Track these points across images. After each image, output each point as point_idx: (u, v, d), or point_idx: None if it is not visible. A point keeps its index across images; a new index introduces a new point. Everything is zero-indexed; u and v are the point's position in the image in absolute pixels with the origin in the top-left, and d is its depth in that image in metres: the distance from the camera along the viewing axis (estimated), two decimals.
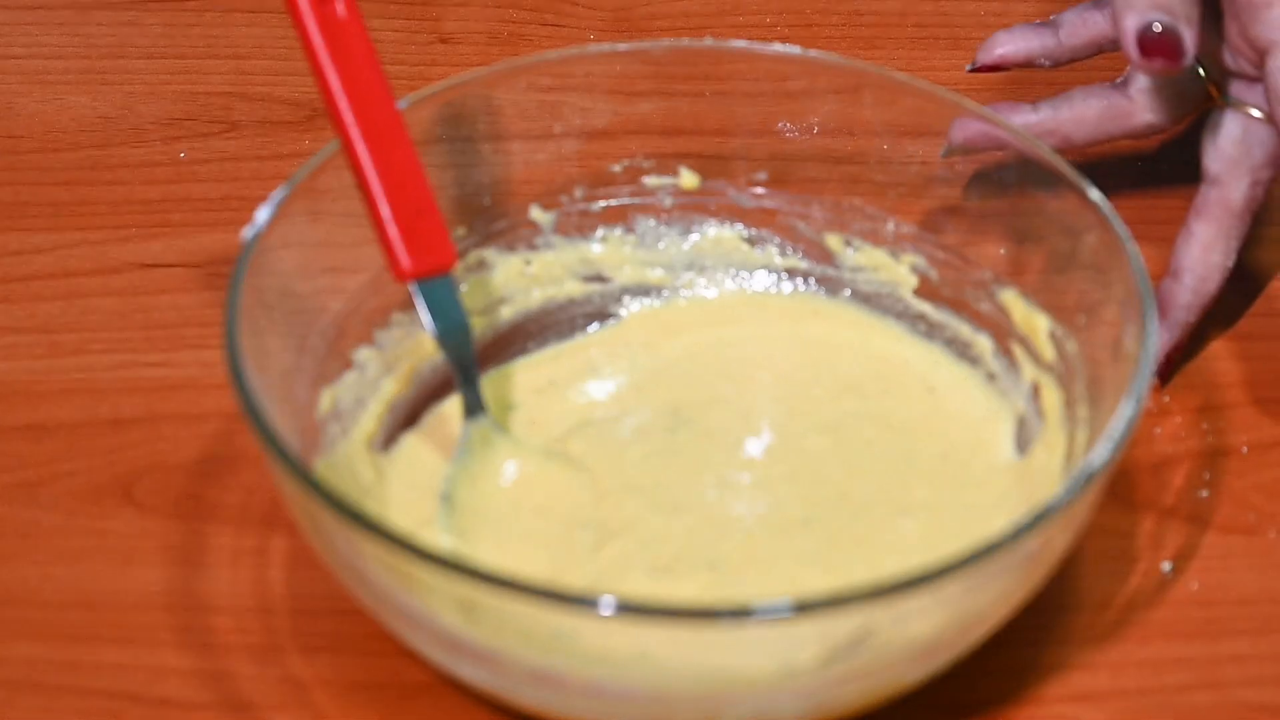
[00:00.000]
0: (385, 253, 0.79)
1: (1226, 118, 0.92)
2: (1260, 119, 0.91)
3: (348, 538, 0.71)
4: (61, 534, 0.85)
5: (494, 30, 1.12)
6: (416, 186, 0.79)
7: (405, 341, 0.87)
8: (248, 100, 1.08)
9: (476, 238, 0.90)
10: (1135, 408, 0.73)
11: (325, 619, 0.81)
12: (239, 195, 1.01)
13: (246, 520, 0.85)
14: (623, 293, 0.93)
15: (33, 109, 1.08)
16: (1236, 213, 0.91)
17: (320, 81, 0.79)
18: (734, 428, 0.86)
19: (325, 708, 0.78)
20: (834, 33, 1.13)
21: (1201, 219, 0.92)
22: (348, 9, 0.80)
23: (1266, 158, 0.91)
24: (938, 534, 0.80)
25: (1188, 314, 0.91)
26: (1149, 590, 0.82)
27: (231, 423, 0.88)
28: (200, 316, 0.94)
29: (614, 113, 0.91)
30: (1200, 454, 0.88)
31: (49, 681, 0.79)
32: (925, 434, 0.86)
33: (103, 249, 0.99)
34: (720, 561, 0.80)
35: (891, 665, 0.72)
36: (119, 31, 1.13)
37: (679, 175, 0.92)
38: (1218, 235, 0.91)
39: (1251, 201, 0.92)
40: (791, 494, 0.83)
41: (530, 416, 0.87)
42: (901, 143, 0.89)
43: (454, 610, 0.71)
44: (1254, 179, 0.91)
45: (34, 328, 0.94)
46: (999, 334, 0.88)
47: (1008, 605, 0.73)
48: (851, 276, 0.92)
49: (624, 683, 0.70)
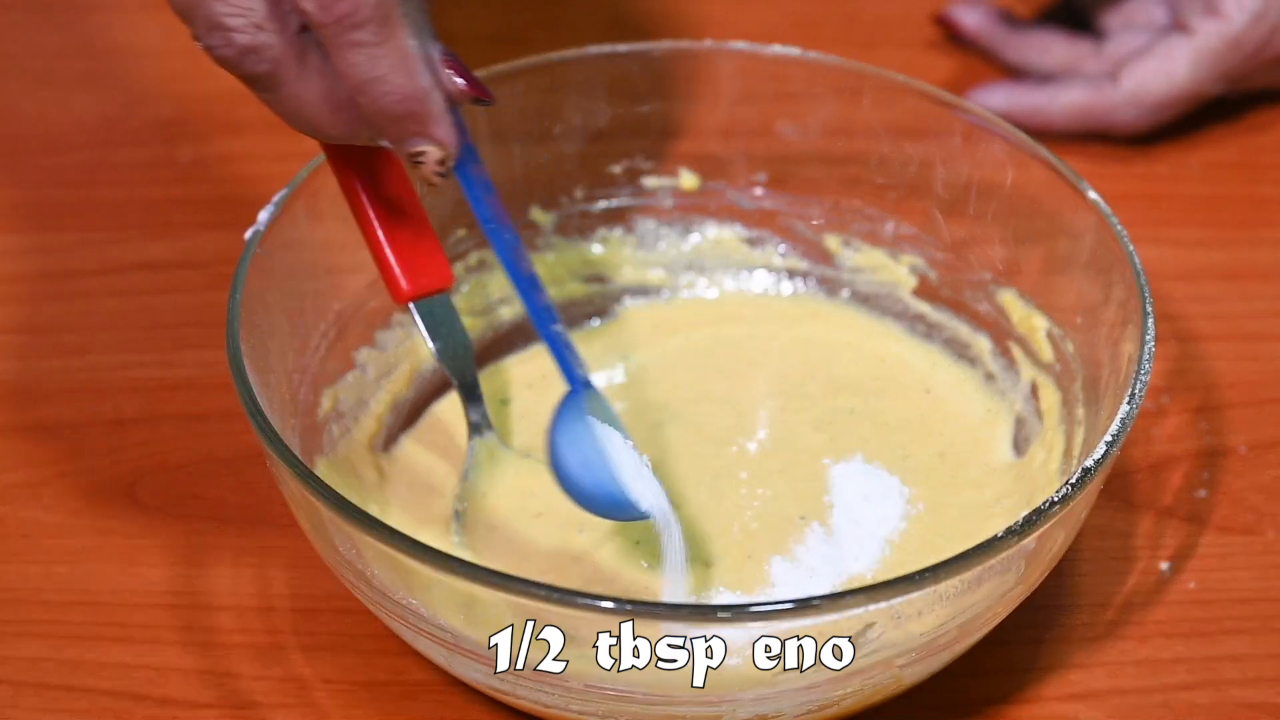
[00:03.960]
0: (383, 275, 0.79)
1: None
2: None
3: (349, 537, 0.71)
4: (64, 533, 0.85)
5: (494, 30, 1.12)
6: (410, 208, 0.78)
7: (406, 342, 0.87)
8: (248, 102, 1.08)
9: (476, 238, 0.90)
10: (1133, 408, 0.74)
11: (326, 618, 0.81)
12: (240, 196, 1.01)
13: (248, 520, 0.85)
14: (623, 293, 0.93)
15: (35, 110, 1.08)
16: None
17: None
18: (727, 425, 0.86)
19: (326, 706, 0.78)
20: (834, 33, 1.13)
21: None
22: None
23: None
24: (936, 533, 0.81)
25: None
26: (1147, 589, 0.83)
27: (233, 423, 0.88)
28: (202, 317, 0.94)
29: (614, 113, 0.91)
30: (1198, 454, 0.88)
31: (52, 681, 0.79)
32: (923, 434, 0.86)
33: (104, 250, 0.99)
34: (718, 559, 0.80)
35: (891, 664, 0.72)
36: (120, 33, 1.13)
37: (679, 176, 0.92)
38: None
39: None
40: (786, 491, 0.83)
41: (521, 411, 0.87)
42: (901, 143, 0.89)
43: (454, 610, 0.71)
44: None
45: (36, 328, 0.94)
46: (997, 334, 0.88)
47: (1006, 604, 0.74)
48: (851, 277, 0.92)
49: (624, 683, 0.70)
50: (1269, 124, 1.07)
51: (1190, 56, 1.02)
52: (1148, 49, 1.03)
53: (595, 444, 0.77)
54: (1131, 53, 1.04)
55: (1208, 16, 1.01)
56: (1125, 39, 1.06)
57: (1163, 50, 1.02)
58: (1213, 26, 1.01)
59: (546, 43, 0.91)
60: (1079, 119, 1.04)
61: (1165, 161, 1.05)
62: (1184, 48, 1.02)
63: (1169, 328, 0.94)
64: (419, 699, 0.78)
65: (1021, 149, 0.85)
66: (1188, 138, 1.05)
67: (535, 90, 0.90)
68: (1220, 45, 1.01)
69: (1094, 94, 1.03)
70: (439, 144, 0.71)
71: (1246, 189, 1.04)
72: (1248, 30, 1.01)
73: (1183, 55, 1.02)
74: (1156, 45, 1.03)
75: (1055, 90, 1.04)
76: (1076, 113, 1.03)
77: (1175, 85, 1.02)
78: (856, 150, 0.90)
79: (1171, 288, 0.96)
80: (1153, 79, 1.02)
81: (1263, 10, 1.01)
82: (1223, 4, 1.01)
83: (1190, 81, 1.02)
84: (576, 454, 0.77)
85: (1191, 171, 1.04)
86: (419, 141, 0.71)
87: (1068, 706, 0.78)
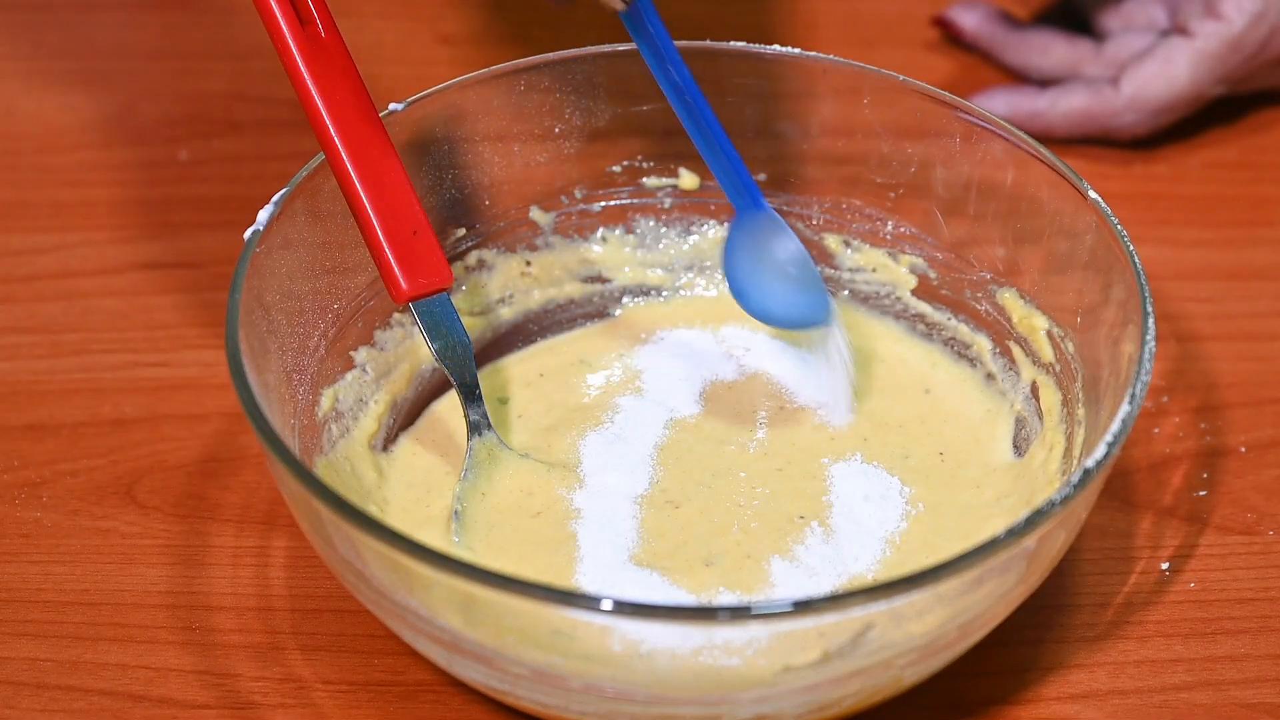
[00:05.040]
0: (383, 276, 0.79)
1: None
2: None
3: (349, 537, 0.71)
4: (63, 533, 0.85)
5: (494, 30, 1.12)
6: (409, 208, 0.78)
7: (406, 342, 0.87)
8: (248, 101, 1.08)
9: (476, 238, 0.90)
10: (1133, 408, 0.74)
11: (326, 618, 0.81)
12: (240, 196, 1.01)
13: (247, 520, 0.85)
14: (623, 293, 0.93)
15: (35, 110, 1.08)
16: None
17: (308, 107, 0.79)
18: (726, 424, 0.86)
19: (326, 706, 0.78)
20: (834, 33, 1.13)
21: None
22: (327, 31, 0.79)
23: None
24: (936, 533, 0.81)
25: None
26: (1147, 590, 0.83)
27: (233, 422, 0.88)
28: (201, 317, 0.94)
29: (614, 113, 0.91)
30: (1198, 454, 0.88)
31: (51, 681, 0.79)
32: (923, 434, 0.86)
33: (104, 249, 0.99)
34: (717, 557, 0.80)
35: (891, 664, 0.72)
36: (120, 33, 1.13)
37: (679, 176, 0.92)
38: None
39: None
40: (786, 490, 0.83)
41: (520, 409, 0.87)
42: (901, 143, 0.89)
43: (454, 610, 0.71)
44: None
45: (36, 328, 0.94)
46: (997, 334, 0.88)
47: (1006, 604, 0.74)
48: (850, 277, 0.92)
49: (624, 683, 0.70)
50: (1269, 124, 1.07)
51: (1190, 59, 1.02)
52: (1147, 52, 1.03)
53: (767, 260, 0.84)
54: (1131, 54, 1.04)
55: (1207, 19, 1.01)
56: (1125, 40, 1.06)
57: (1162, 53, 1.02)
58: (1212, 29, 1.01)
59: (547, 42, 0.91)
60: (1080, 124, 1.04)
61: (1165, 161, 1.05)
62: (1184, 51, 1.02)
63: (1169, 328, 0.94)
64: (419, 699, 0.78)
65: (1021, 149, 0.85)
66: (1188, 138, 1.05)
67: (535, 90, 0.90)
68: (1220, 47, 1.01)
69: (1095, 99, 1.03)
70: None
71: (1246, 189, 1.04)
72: (1247, 32, 1.01)
73: (1183, 58, 1.02)
74: (1156, 49, 1.03)
75: (1056, 95, 1.04)
76: (1077, 117, 1.04)
77: (1176, 88, 1.02)
78: (856, 150, 0.90)
79: (1171, 288, 0.96)
80: (1153, 82, 1.02)
81: (1262, 11, 1.01)
82: (1222, 6, 1.01)
83: (1191, 84, 1.02)
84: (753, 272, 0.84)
85: (1191, 172, 1.04)
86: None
87: (1068, 706, 0.78)
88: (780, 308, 0.86)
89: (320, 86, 0.77)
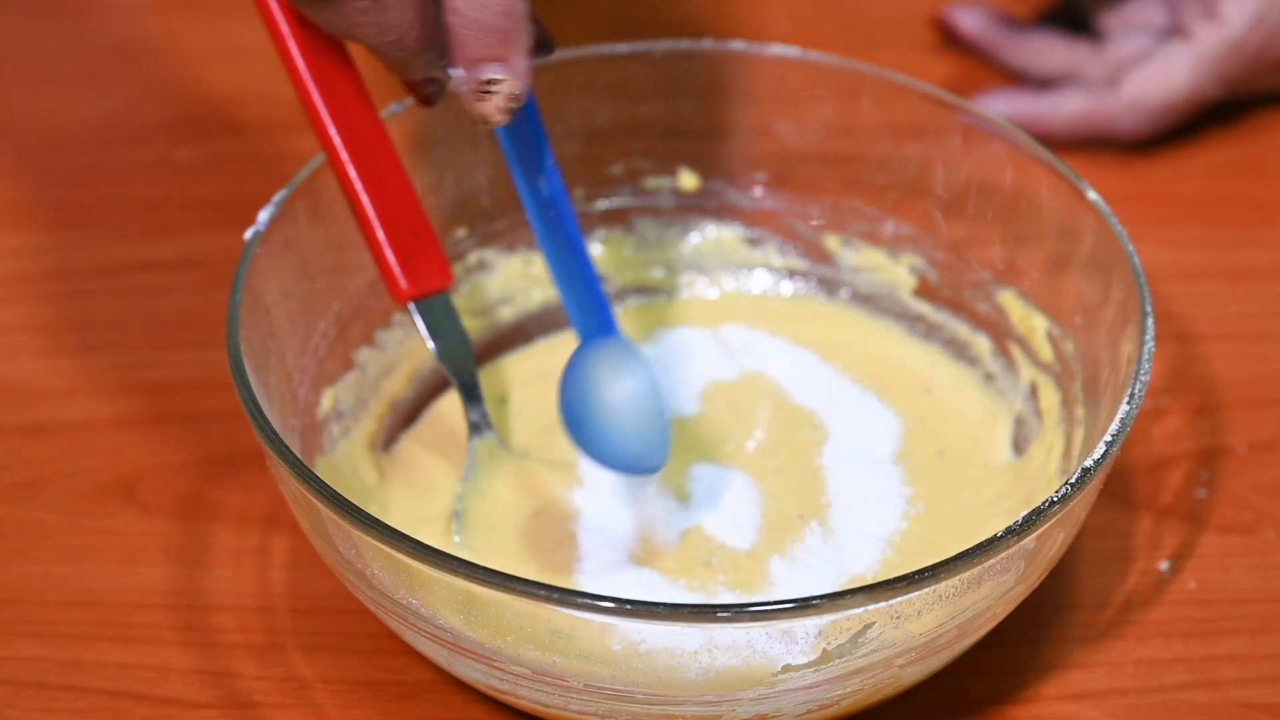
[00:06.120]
0: (383, 276, 0.79)
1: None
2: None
3: (349, 537, 0.71)
4: (64, 533, 0.85)
5: None
6: (409, 208, 0.78)
7: (406, 342, 0.87)
8: (248, 101, 1.08)
9: (476, 238, 0.90)
10: (1132, 408, 0.74)
11: (327, 618, 0.81)
12: (240, 196, 1.00)
13: (248, 520, 0.85)
14: (623, 293, 0.93)
15: (36, 110, 1.08)
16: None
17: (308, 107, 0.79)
18: (725, 424, 0.86)
19: (326, 706, 0.78)
20: (834, 33, 1.13)
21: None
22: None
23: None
24: (936, 533, 0.81)
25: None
26: (1147, 589, 0.83)
27: (233, 423, 0.88)
28: (202, 317, 0.94)
29: (614, 113, 0.91)
30: (1198, 454, 0.88)
31: (52, 680, 0.79)
32: (922, 433, 0.86)
33: (105, 250, 0.99)
34: (717, 557, 0.80)
35: (890, 663, 0.72)
36: (121, 33, 1.14)
37: (679, 176, 0.92)
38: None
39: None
40: (785, 490, 0.83)
41: (519, 409, 0.87)
42: (901, 143, 0.89)
43: (454, 609, 0.71)
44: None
45: (36, 328, 0.94)
46: (997, 334, 0.88)
47: (1005, 604, 0.74)
48: (850, 277, 0.92)
49: (624, 682, 0.70)
50: (1269, 126, 1.07)
51: (1190, 62, 1.02)
52: (1148, 55, 1.03)
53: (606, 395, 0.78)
54: (1131, 56, 1.04)
55: (1207, 21, 1.01)
56: (1124, 41, 1.06)
57: (1162, 56, 1.02)
58: (1212, 31, 1.01)
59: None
60: (1080, 126, 1.04)
61: (1165, 162, 1.05)
62: (1184, 53, 1.02)
63: (1169, 328, 0.94)
64: (419, 699, 0.78)
65: (1021, 149, 0.85)
66: (1187, 139, 1.06)
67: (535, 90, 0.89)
68: (1220, 50, 1.01)
69: (1095, 102, 1.03)
70: (516, 75, 0.70)
71: (1246, 189, 1.04)
72: (1247, 34, 1.01)
73: (1183, 61, 1.02)
74: (1156, 51, 1.03)
75: (1056, 98, 1.04)
76: (1078, 120, 1.04)
77: (1176, 91, 1.02)
78: (856, 150, 0.90)
79: (1171, 288, 0.96)
80: (1153, 86, 1.02)
81: (1262, 14, 1.01)
82: (1222, 8, 1.01)
83: (1191, 87, 1.02)
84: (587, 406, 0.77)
85: (1191, 172, 1.04)
86: (496, 69, 0.69)
87: (1068, 706, 0.78)
88: (610, 451, 0.78)
89: (320, 86, 0.77)
